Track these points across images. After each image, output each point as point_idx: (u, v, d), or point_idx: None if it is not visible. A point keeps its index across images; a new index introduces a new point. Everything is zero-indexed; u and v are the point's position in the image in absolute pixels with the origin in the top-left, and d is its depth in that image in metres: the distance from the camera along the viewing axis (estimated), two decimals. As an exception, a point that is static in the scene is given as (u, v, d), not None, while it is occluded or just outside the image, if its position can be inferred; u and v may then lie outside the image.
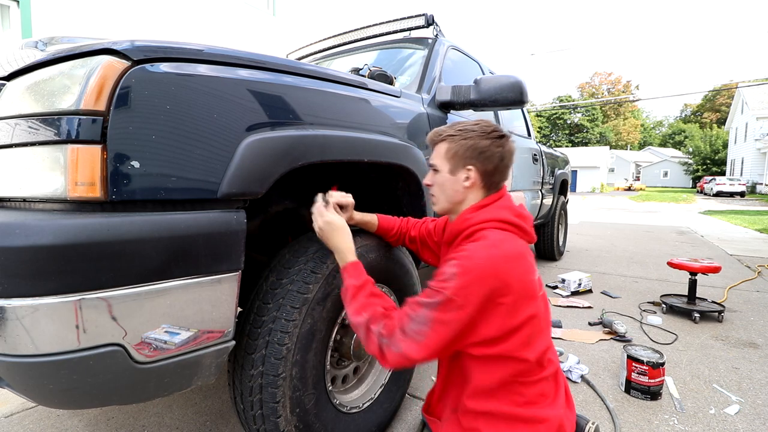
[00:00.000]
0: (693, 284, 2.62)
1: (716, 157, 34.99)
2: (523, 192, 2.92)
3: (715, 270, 2.53)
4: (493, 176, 1.02)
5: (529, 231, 1.01)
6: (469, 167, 1.02)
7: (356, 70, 1.88)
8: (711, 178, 25.28)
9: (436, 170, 1.07)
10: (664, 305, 2.67)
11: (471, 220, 1.00)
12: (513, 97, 1.69)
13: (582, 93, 59.79)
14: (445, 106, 1.79)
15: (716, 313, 2.51)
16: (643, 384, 1.59)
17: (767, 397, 1.63)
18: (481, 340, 0.90)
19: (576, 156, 32.92)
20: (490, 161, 1.00)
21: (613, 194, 26.62)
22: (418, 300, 0.90)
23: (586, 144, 48.01)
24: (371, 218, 1.28)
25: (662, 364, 1.59)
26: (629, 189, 35.81)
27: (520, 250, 0.94)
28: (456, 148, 1.03)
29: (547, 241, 4.17)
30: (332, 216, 1.08)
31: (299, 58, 2.71)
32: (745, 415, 1.50)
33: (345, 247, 1.05)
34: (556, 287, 3.18)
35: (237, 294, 0.88)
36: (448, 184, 1.05)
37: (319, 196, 1.13)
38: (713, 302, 2.68)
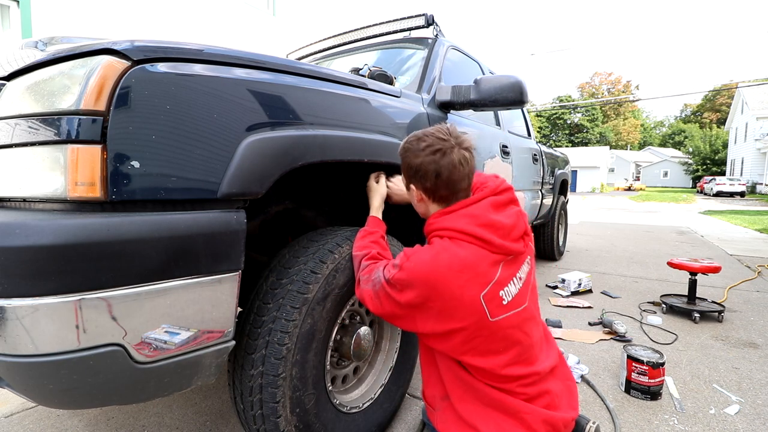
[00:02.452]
0: (693, 284, 2.62)
1: (716, 157, 34.98)
2: (523, 192, 2.92)
3: (715, 270, 2.53)
4: (436, 191, 1.04)
5: (495, 242, 0.97)
6: (411, 186, 1.09)
7: (356, 70, 1.88)
8: (711, 178, 25.26)
9: None
10: (664, 305, 2.67)
11: (430, 226, 1.07)
12: (513, 97, 1.68)
13: (582, 93, 59.79)
14: (445, 106, 1.79)
15: (716, 313, 2.51)
16: (643, 384, 1.59)
17: (767, 397, 1.63)
18: (421, 332, 1.00)
19: (576, 156, 32.91)
20: (426, 179, 1.03)
21: (613, 194, 26.62)
22: (392, 263, 1.01)
23: (586, 144, 48.00)
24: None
25: (662, 364, 1.59)
26: (629, 189, 35.80)
27: (465, 262, 0.94)
28: (403, 166, 1.10)
29: (547, 241, 4.17)
30: (378, 182, 1.34)
31: (299, 58, 2.71)
32: (745, 415, 1.50)
33: (374, 205, 1.29)
34: (556, 287, 3.18)
35: (237, 294, 0.88)
36: (410, 199, 1.17)
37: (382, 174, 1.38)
38: (713, 302, 2.68)
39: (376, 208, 1.29)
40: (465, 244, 0.96)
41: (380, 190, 1.32)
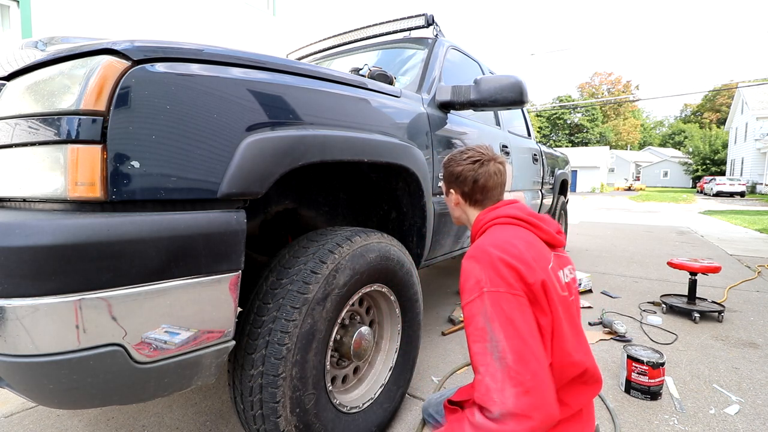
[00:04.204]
0: (693, 284, 2.62)
1: (716, 157, 34.96)
2: (523, 192, 2.92)
3: (715, 270, 2.53)
4: (473, 195, 1.18)
5: (542, 227, 1.05)
6: (451, 190, 1.24)
7: (356, 70, 1.88)
8: (711, 178, 25.26)
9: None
10: (664, 305, 2.67)
11: (480, 222, 1.15)
12: (513, 97, 1.69)
13: (582, 93, 59.74)
14: (445, 106, 1.79)
15: (716, 313, 2.51)
16: (643, 384, 1.59)
17: (767, 397, 1.63)
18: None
19: (576, 156, 32.90)
20: (465, 183, 1.18)
21: (613, 194, 26.61)
22: (477, 358, 0.85)
23: (586, 144, 47.98)
24: None
25: (662, 364, 1.59)
26: (629, 189, 35.80)
27: (525, 238, 1.00)
28: (444, 174, 1.26)
29: (547, 241, 4.16)
30: None
31: (299, 58, 2.71)
32: (745, 415, 1.50)
33: None
34: (556, 287, 3.18)
35: (237, 294, 0.88)
36: (448, 204, 1.30)
37: None
38: (713, 302, 2.68)
39: None
40: (517, 228, 1.03)
41: None
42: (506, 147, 2.53)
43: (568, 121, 50.48)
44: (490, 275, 0.88)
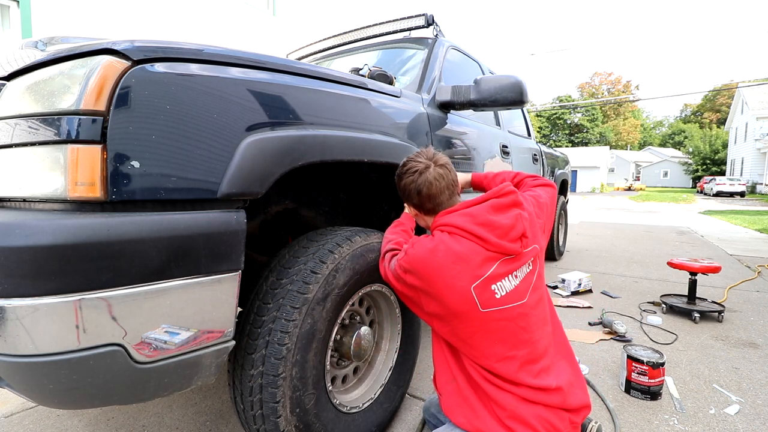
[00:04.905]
0: (693, 284, 2.62)
1: (716, 157, 34.97)
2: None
3: (715, 270, 2.53)
4: (423, 205, 1.17)
5: (491, 240, 1.02)
6: (405, 205, 1.27)
7: (356, 70, 1.88)
8: (711, 178, 25.26)
9: None
10: (664, 305, 2.67)
11: (435, 223, 1.15)
12: (513, 97, 1.69)
13: (582, 93, 59.73)
14: (445, 106, 1.79)
15: (716, 313, 2.51)
16: (643, 384, 1.59)
17: (767, 397, 1.63)
18: (427, 311, 1.08)
19: (576, 156, 32.91)
20: (411, 197, 1.17)
21: (613, 194, 26.61)
22: (404, 248, 1.10)
23: (586, 144, 47.98)
24: (465, 178, 1.47)
25: (662, 364, 1.59)
26: (629, 189, 35.82)
27: (459, 255, 1.02)
28: (398, 191, 1.23)
29: (547, 241, 4.17)
30: None
31: (299, 58, 2.71)
32: (745, 415, 1.50)
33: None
34: (556, 287, 3.18)
35: (237, 294, 0.88)
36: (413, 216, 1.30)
37: None
38: (713, 302, 2.68)
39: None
40: (462, 239, 1.04)
41: None
42: (506, 147, 2.53)
43: (568, 121, 50.47)
44: (405, 261, 1.05)
